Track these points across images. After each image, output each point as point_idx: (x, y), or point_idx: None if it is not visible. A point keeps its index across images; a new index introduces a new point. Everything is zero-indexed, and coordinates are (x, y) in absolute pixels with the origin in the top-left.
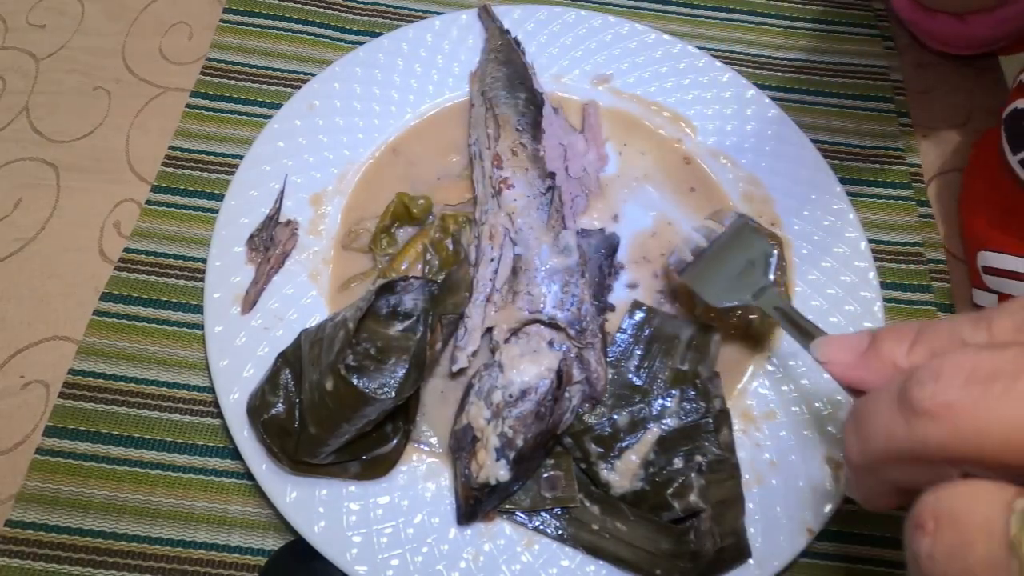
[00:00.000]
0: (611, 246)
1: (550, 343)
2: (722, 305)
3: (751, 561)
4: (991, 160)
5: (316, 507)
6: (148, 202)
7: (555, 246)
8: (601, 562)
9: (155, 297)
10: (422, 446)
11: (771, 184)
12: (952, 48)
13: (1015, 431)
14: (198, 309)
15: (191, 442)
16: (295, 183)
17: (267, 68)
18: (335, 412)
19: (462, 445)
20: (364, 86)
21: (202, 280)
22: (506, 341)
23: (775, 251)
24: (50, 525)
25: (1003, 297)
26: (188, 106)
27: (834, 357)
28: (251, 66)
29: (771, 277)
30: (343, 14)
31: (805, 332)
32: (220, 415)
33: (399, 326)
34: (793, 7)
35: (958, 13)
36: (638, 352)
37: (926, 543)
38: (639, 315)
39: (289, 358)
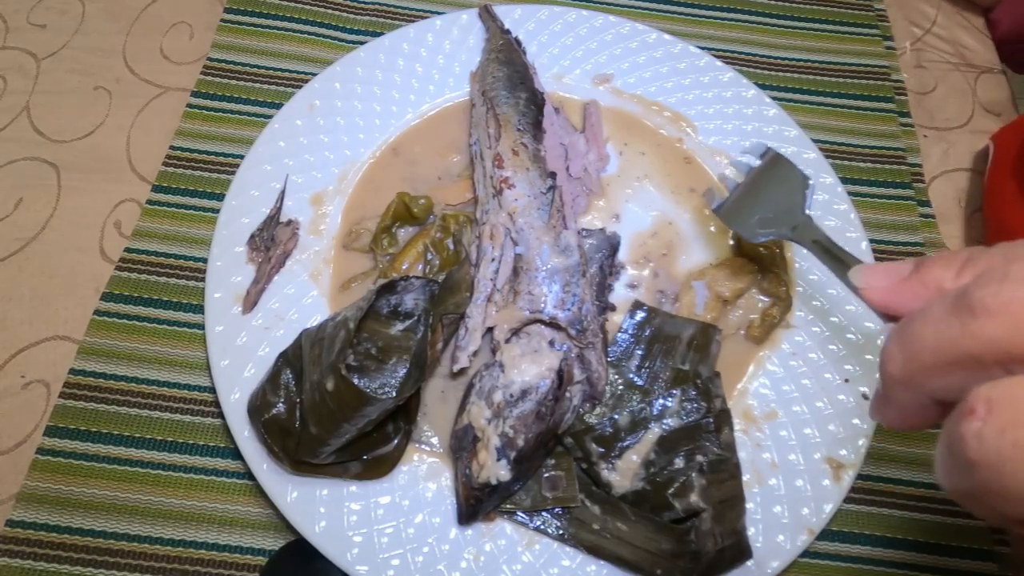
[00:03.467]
0: (612, 246)
1: (551, 343)
2: (758, 240)
3: (751, 561)
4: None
5: (317, 507)
6: (149, 202)
7: (556, 246)
8: (602, 562)
9: (156, 297)
10: (423, 446)
11: None
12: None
13: None
14: (199, 309)
15: (192, 442)
16: (296, 183)
17: (268, 68)
18: (336, 412)
19: (463, 445)
20: (365, 86)
21: (203, 280)
22: (507, 341)
23: (811, 183)
24: (51, 525)
25: None
26: (189, 106)
27: (874, 282)
28: (252, 66)
29: (808, 211)
30: (344, 14)
31: (843, 263)
32: (221, 415)
33: (400, 326)
34: (794, 7)
35: None
36: (639, 352)
37: (975, 425)
38: (640, 315)
39: (290, 358)
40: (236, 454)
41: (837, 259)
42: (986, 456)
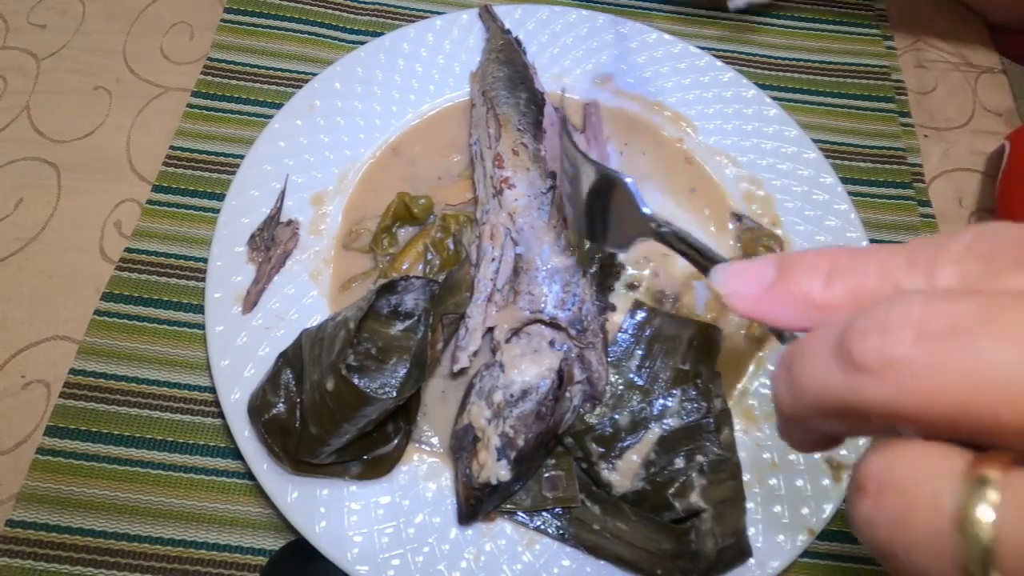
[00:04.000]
0: None
1: (551, 343)
2: (626, 250)
3: (752, 561)
4: None
5: (317, 507)
6: (149, 202)
7: (556, 246)
8: (602, 562)
9: (156, 297)
10: (423, 446)
11: (772, 184)
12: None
13: (972, 394)
14: (199, 309)
15: (192, 442)
16: (296, 183)
17: (268, 68)
18: (336, 412)
19: (463, 445)
20: (365, 86)
21: (203, 280)
22: (507, 341)
23: (628, 182)
24: (51, 525)
25: None
26: (189, 106)
27: (736, 288)
28: (252, 66)
29: (645, 209)
30: (344, 14)
31: (706, 258)
32: (221, 415)
33: (400, 326)
34: (794, 7)
35: None
36: (639, 352)
37: (866, 507)
38: (640, 315)
39: (290, 358)
40: (236, 454)
41: (699, 252)
42: (881, 544)
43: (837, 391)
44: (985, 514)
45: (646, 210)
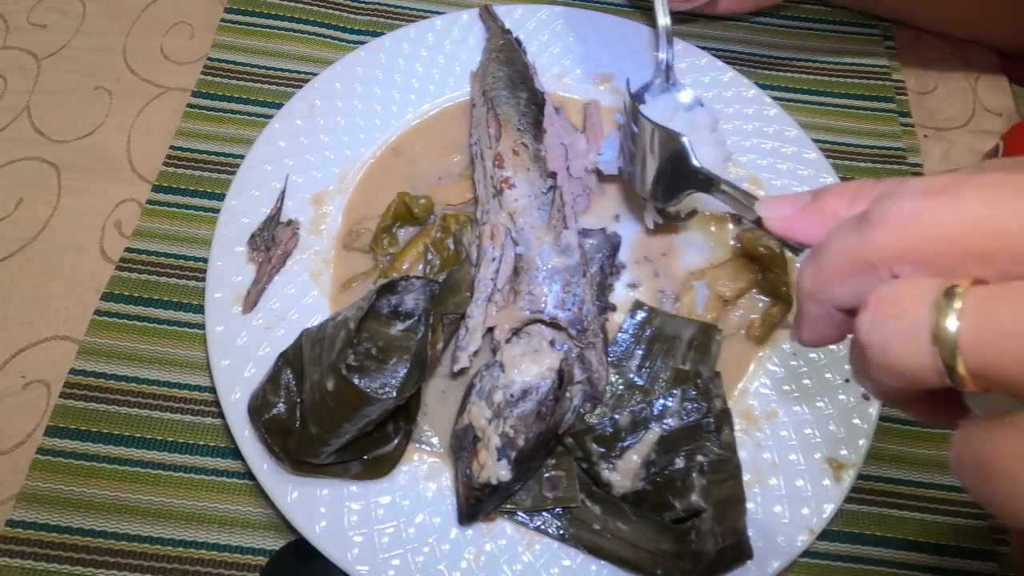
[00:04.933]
0: (612, 246)
1: (551, 343)
2: (676, 204)
3: (752, 561)
4: None
5: (317, 507)
6: (149, 202)
7: (556, 246)
8: (602, 562)
9: (156, 297)
10: (423, 446)
11: (772, 184)
12: None
13: (957, 227)
14: (199, 309)
15: (192, 442)
16: (296, 183)
17: (268, 68)
18: (336, 412)
19: (463, 445)
20: (365, 86)
21: (203, 280)
22: (507, 341)
23: (683, 139)
24: (51, 525)
25: None
26: (189, 106)
27: (776, 212)
28: (252, 66)
29: (696, 162)
30: (344, 14)
31: (747, 199)
32: (221, 415)
33: (400, 326)
34: (795, 7)
35: None
36: (639, 352)
37: (867, 316)
38: (640, 315)
39: (290, 358)
40: (236, 454)
41: (736, 194)
42: (871, 339)
43: (855, 247)
44: (952, 312)
45: (695, 162)
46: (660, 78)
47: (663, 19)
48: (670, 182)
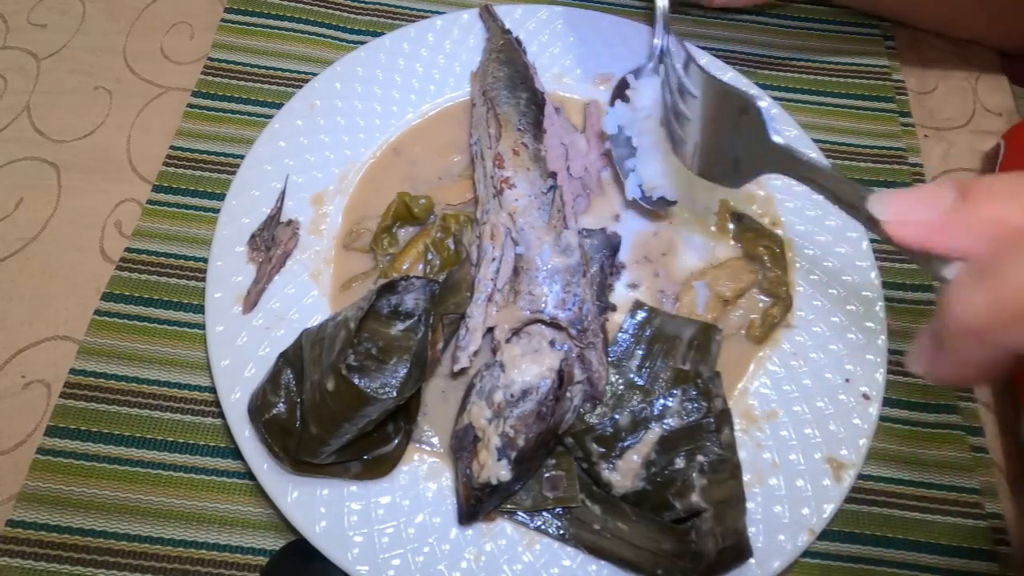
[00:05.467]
0: (612, 246)
1: (551, 343)
2: (740, 185)
3: (752, 561)
4: None
5: (317, 507)
6: (149, 202)
7: (556, 246)
8: (603, 562)
9: (156, 297)
10: (423, 446)
11: (772, 184)
12: None
13: None
14: (199, 309)
15: (192, 442)
16: (296, 183)
17: (268, 68)
18: (336, 412)
19: (463, 445)
20: (365, 86)
21: (203, 280)
22: (507, 341)
23: (762, 104)
24: (51, 525)
25: None
26: (189, 106)
27: (906, 214)
28: (252, 66)
29: (774, 137)
30: (344, 14)
31: (848, 187)
32: (221, 415)
33: (400, 326)
34: (795, 7)
35: None
36: (639, 352)
37: None
38: (640, 315)
39: (290, 358)
40: (236, 454)
41: (832, 180)
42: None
43: None
44: None
45: (777, 139)
46: (653, 62)
47: (661, 1)
48: (736, 159)
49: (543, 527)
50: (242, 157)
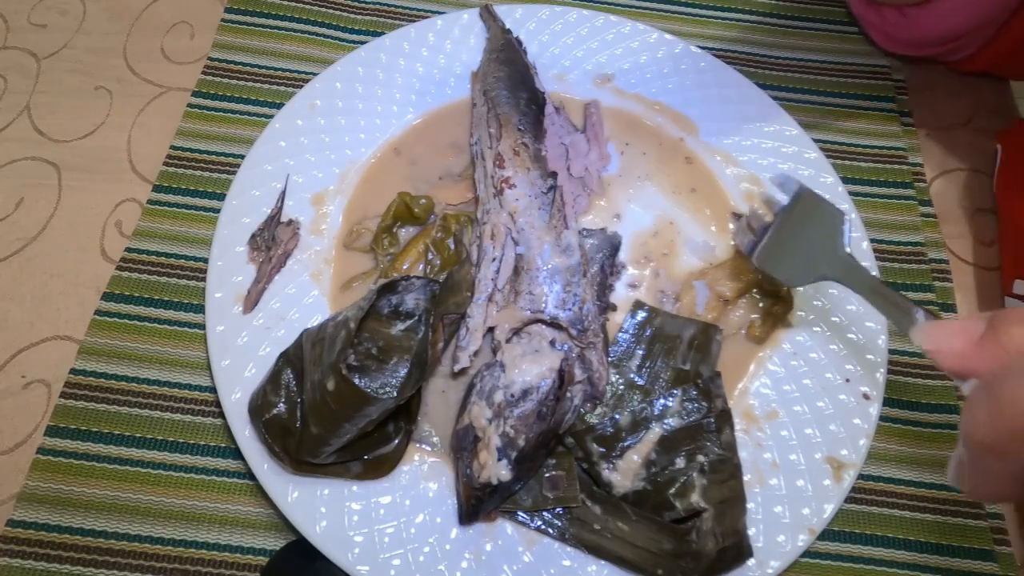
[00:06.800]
0: (613, 246)
1: (552, 343)
2: (801, 285)
3: (752, 561)
4: None
5: (318, 507)
6: (150, 202)
7: (557, 246)
8: (603, 562)
9: (157, 297)
10: (424, 446)
11: (773, 183)
12: (900, 47)
13: None
14: (200, 309)
15: (193, 442)
16: (297, 183)
17: (269, 67)
18: (337, 412)
19: (464, 445)
20: (366, 85)
21: (204, 280)
22: (508, 341)
23: (847, 218)
24: (52, 525)
25: None
26: (190, 105)
27: (944, 346)
28: (253, 66)
29: (847, 248)
30: (345, 13)
31: (901, 310)
32: (222, 415)
33: (401, 326)
34: (795, 7)
35: (899, 5)
36: (640, 352)
37: None
38: (641, 315)
39: (291, 358)
40: (237, 454)
41: (894, 303)
42: None
43: None
44: None
45: (848, 250)
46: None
47: None
48: (803, 261)
49: (543, 527)
50: (242, 157)
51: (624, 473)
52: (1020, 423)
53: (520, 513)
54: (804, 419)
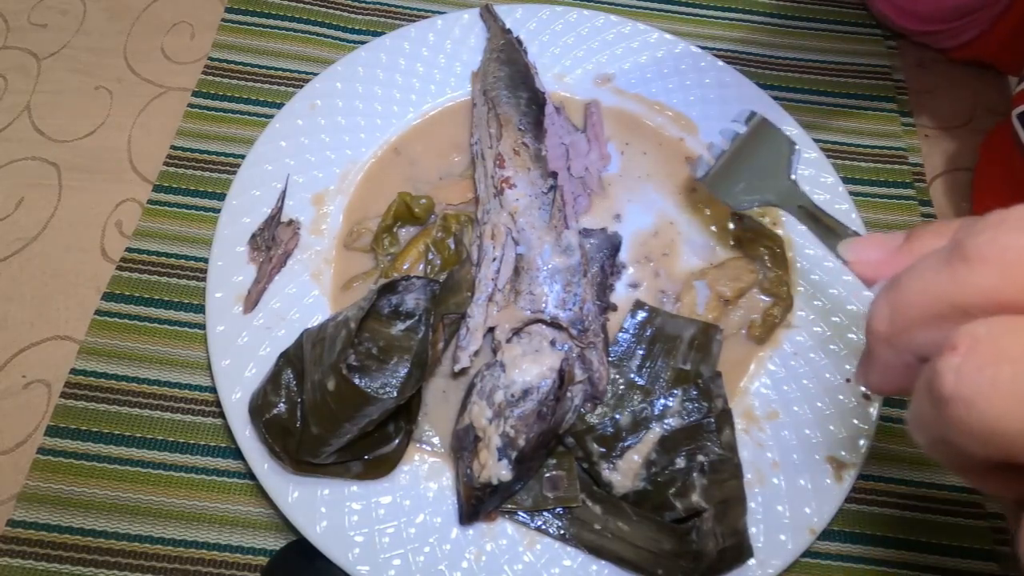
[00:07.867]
0: (613, 245)
1: (552, 343)
2: (742, 208)
3: (753, 561)
4: (1005, 152)
5: (318, 507)
6: (150, 201)
7: (557, 245)
8: (603, 562)
9: (157, 297)
10: (424, 446)
11: None
12: (912, 21)
13: None
14: (200, 309)
15: (193, 442)
16: (297, 182)
17: (269, 67)
18: (337, 412)
19: (464, 445)
20: (366, 85)
21: (204, 280)
22: (508, 341)
23: (797, 148)
24: (52, 525)
25: None
26: (190, 105)
27: (863, 255)
28: (253, 65)
29: (793, 176)
30: (345, 13)
31: (832, 231)
32: (222, 415)
33: (401, 326)
34: (795, 7)
35: None
36: (640, 352)
37: (955, 360)
38: (641, 315)
39: (291, 358)
40: (237, 454)
41: (825, 227)
42: (960, 391)
43: (943, 289)
44: None
45: (794, 177)
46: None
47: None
48: (749, 186)
49: (544, 527)
50: (243, 157)
51: (624, 473)
52: (910, 313)
53: (520, 513)
54: (804, 419)
